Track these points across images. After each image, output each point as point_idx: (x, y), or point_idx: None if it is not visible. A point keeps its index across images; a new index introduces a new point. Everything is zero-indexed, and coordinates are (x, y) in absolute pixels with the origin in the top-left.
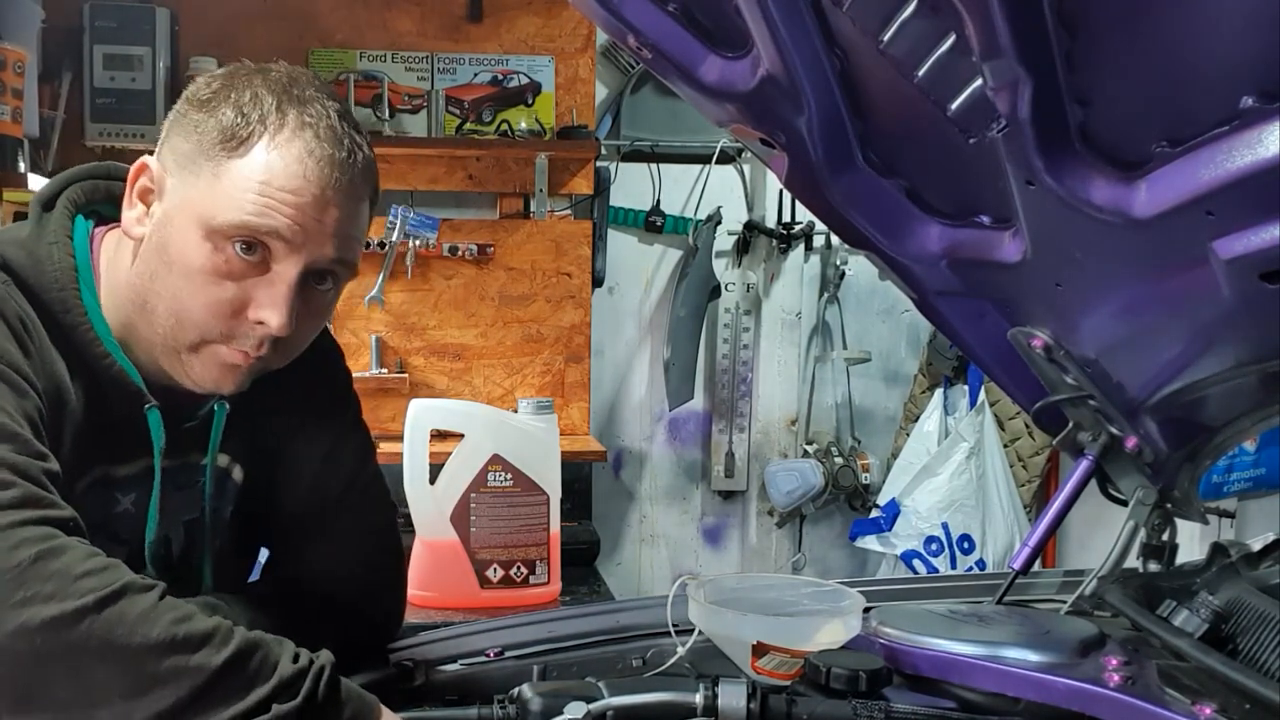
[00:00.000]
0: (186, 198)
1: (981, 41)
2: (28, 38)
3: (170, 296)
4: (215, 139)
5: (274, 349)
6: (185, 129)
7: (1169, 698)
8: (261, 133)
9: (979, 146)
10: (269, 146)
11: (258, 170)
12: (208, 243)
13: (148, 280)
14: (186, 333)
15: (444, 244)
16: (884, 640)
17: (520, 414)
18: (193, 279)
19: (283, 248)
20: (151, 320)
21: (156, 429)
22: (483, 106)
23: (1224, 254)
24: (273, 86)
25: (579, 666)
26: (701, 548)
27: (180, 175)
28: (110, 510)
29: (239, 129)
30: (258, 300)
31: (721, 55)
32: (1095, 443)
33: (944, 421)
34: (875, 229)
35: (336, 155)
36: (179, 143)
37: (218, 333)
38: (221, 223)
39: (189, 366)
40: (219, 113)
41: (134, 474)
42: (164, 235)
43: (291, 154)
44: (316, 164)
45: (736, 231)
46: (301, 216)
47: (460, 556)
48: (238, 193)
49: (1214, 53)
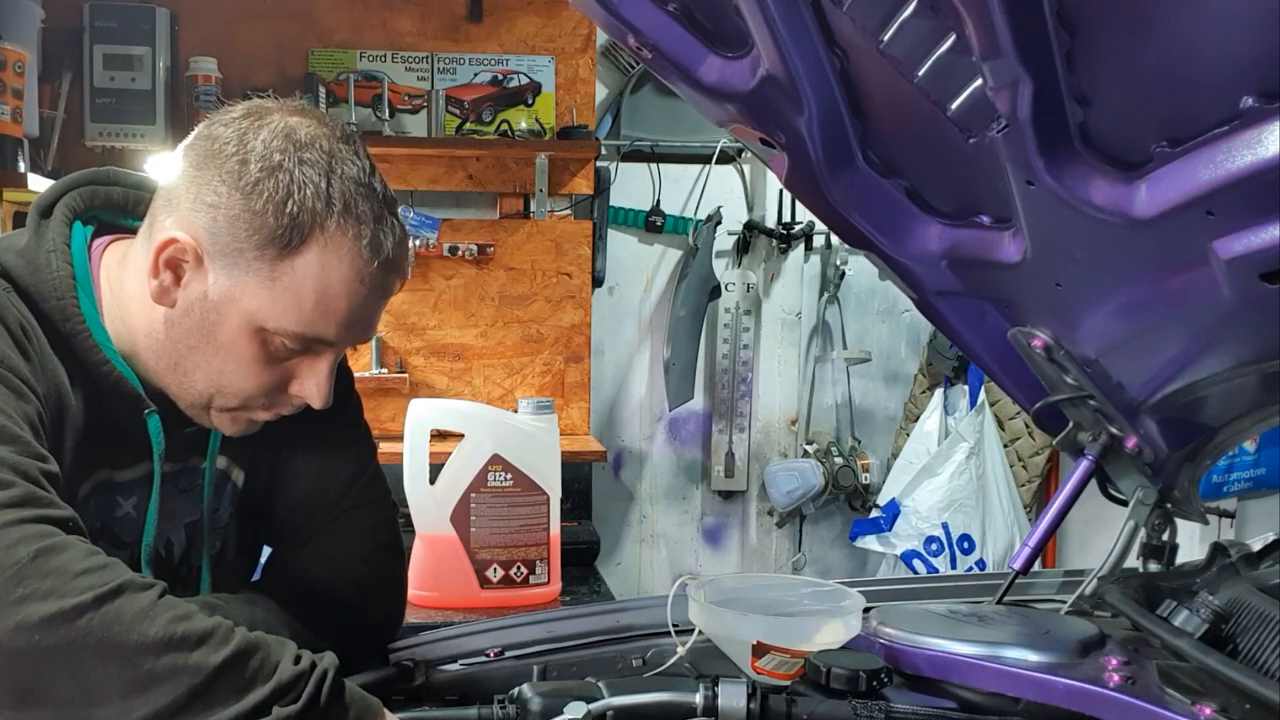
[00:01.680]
0: (234, 293)
1: (981, 41)
2: (28, 38)
3: (214, 372)
4: (265, 239)
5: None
6: (221, 213)
7: (1169, 698)
8: (313, 232)
9: (979, 146)
10: (323, 249)
11: (312, 279)
12: (259, 337)
13: (185, 351)
14: (225, 400)
15: (444, 244)
16: (884, 640)
17: (520, 414)
18: (241, 364)
19: (329, 346)
20: (184, 381)
21: (156, 434)
22: (483, 106)
23: (1224, 254)
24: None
25: (579, 666)
26: (701, 548)
27: (224, 263)
28: (112, 514)
29: (290, 231)
30: (301, 380)
31: (721, 55)
32: (1095, 443)
33: (944, 421)
34: (875, 229)
35: (390, 258)
36: (214, 225)
37: (259, 404)
38: (277, 328)
39: (215, 419)
40: (267, 210)
41: (135, 479)
42: (209, 319)
43: (345, 260)
44: (369, 271)
45: (736, 231)
46: (351, 318)
47: (460, 556)
48: (295, 303)
49: (1214, 53)
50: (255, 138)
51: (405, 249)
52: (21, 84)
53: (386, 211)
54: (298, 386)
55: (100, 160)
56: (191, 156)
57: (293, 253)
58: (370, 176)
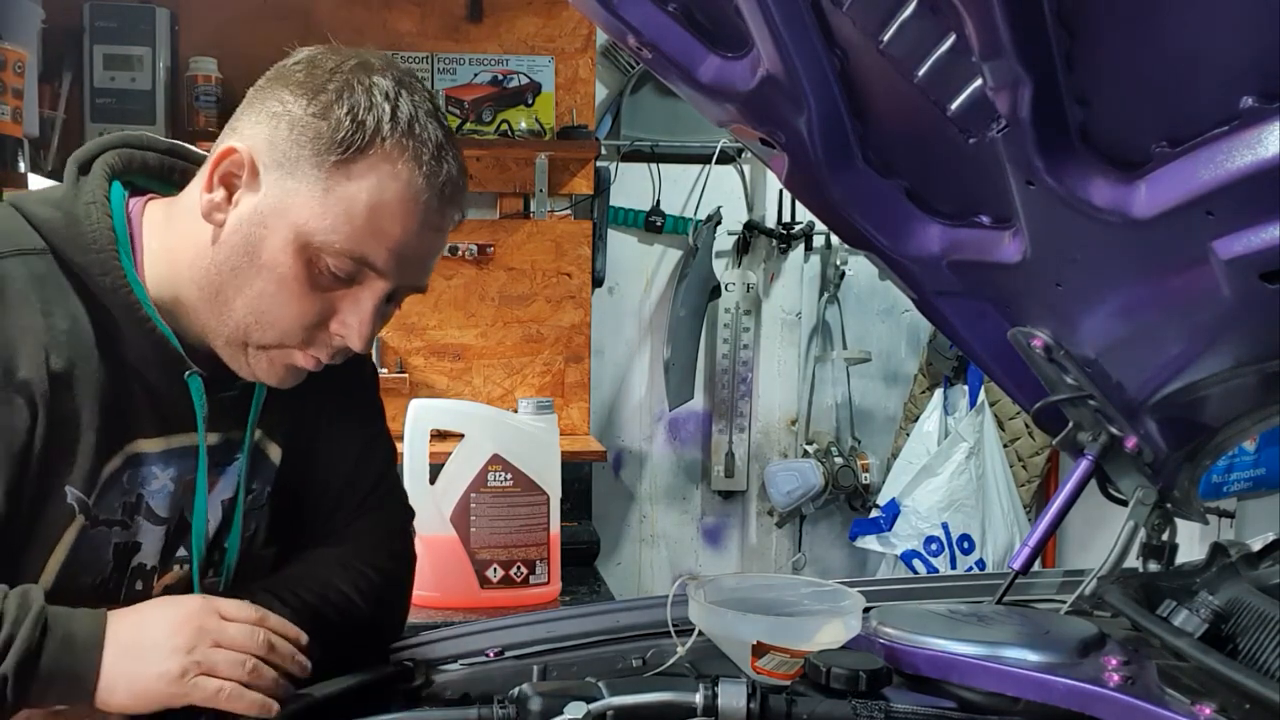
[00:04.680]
0: (286, 203)
1: (981, 41)
2: (28, 38)
3: (254, 295)
4: (325, 145)
5: (339, 357)
6: (284, 120)
7: (1169, 698)
8: (375, 147)
9: (979, 146)
10: (380, 163)
11: (367, 193)
12: (305, 254)
13: (228, 273)
14: (264, 333)
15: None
16: (884, 640)
17: (520, 414)
18: (283, 286)
19: (375, 275)
20: (223, 311)
21: (199, 396)
22: (483, 106)
23: (1224, 254)
24: (384, 89)
25: (579, 666)
26: (701, 548)
27: (278, 174)
28: (147, 486)
29: (353, 138)
30: (342, 316)
31: (721, 55)
32: (1095, 443)
33: (944, 421)
34: (875, 229)
35: (445, 190)
36: (275, 134)
37: (297, 340)
38: (323, 242)
39: (254, 361)
40: (331, 114)
41: (173, 449)
42: (255, 234)
43: (403, 178)
44: (424, 196)
45: (736, 231)
46: (401, 249)
47: (460, 556)
48: (344, 215)
49: (1214, 53)
50: (327, 60)
51: (464, 186)
52: (21, 84)
53: (448, 143)
54: (338, 324)
55: None
56: (257, 88)
57: (349, 162)
58: (436, 109)
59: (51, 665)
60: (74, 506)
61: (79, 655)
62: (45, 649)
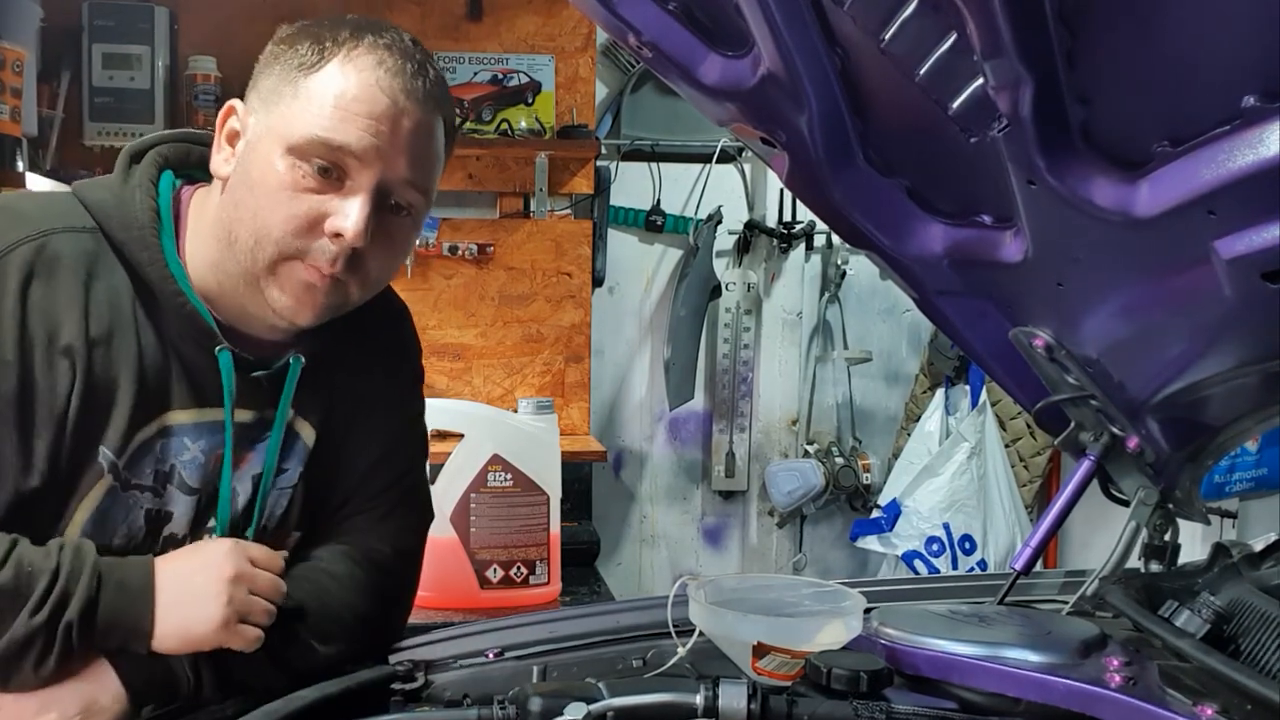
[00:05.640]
0: (269, 125)
1: (983, 40)
2: (27, 37)
3: (251, 217)
4: (294, 65)
5: (350, 269)
6: (268, 66)
7: (1171, 698)
8: (336, 52)
9: (980, 146)
10: (343, 62)
11: (332, 84)
12: (287, 158)
13: (232, 210)
14: (265, 250)
15: (444, 243)
16: (885, 641)
17: (520, 414)
18: (272, 195)
19: (357, 164)
20: (235, 251)
21: (227, 370)
22: (483, 105)
23: (1225, 253)
24: (350, 18)
25: (579, 667)
26: (702, 548)
27: (264, 109)
28: (180, 456)
29: (315, 51)
30: (333, 212)
31: (722, 54)
32: (1097, 443)
33: (945, 421)
34: (876, 228)
35: (408, 68)
36: (262, 82)
37: (294, 248)
38: (299, 138)
39: (269, 293)
40: (298, 43)
41: (204, 422)
42: (247, 162)
43: (365, 66)
44: (389, 75)
45: (737, 231)
46: (375, 129)
47: (460, 556)
48: (314, 108)
49: (1215, 52)
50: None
51: (442, 86)
52: (20, 83)
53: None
54: (329, 223)
55: (100, 160)
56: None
57: (316, 70)
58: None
59: (109, 614)
60: (103, 466)
61: (135, 602)
62: (102, 598)
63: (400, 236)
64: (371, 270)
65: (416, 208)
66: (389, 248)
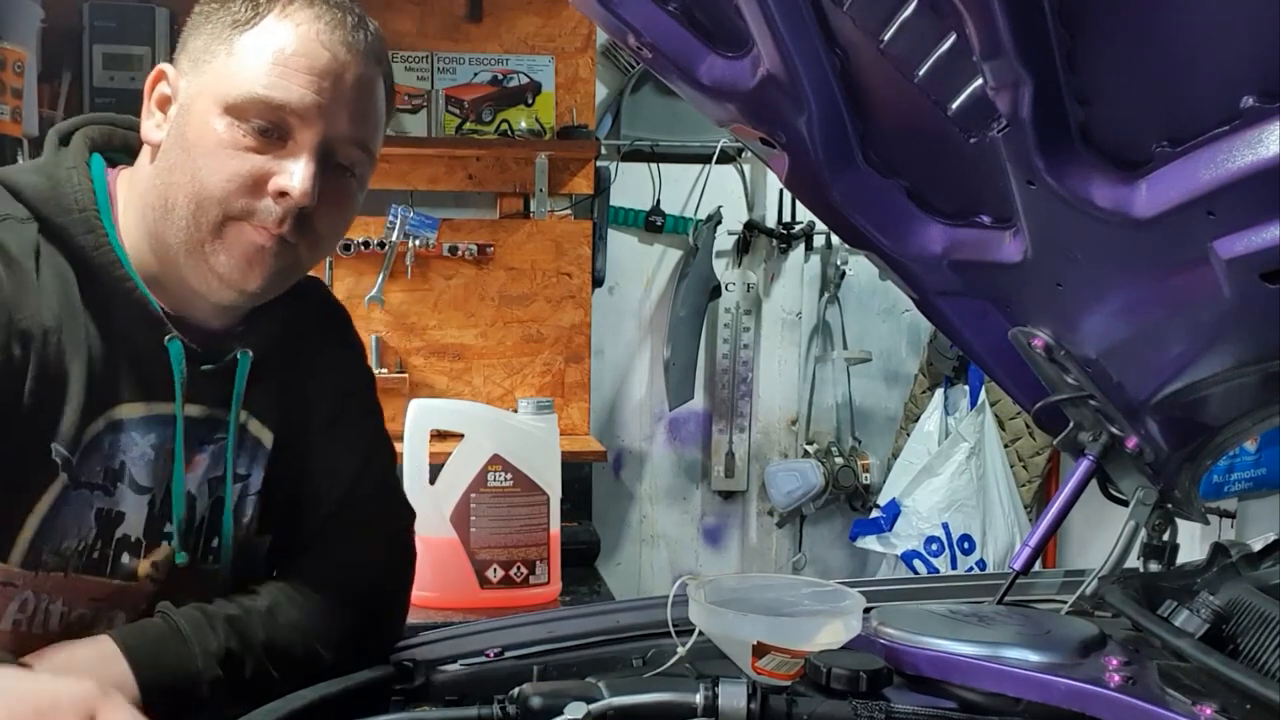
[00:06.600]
0: (202, 84)
1: (982, 41)
2: (27, 37)
3: (189, 180)
4: (227, 23)
5: (299, 230)
6: (197, 26)
7: (1170, 698)
8: (270, 7)
9: (980, 146)
10: (280, 16)
11: (270, 40)
12: (224, 118)
13: (167, 175)
14: (208, 213)
15: (444, 244)
16: (884, 640)
17: (520, 414)
18: (212, 155)
19: (299, 122)
20: (173, 218)
21: (178, 361)
22: (483, 106)
23: (1224, 254)
24: None
25: (579, 666)
26: (701, 548)
27: (195, 70)
28: (129, 452)
29: (249, 7)
30: (277, 172)
31: (722, 54)
32: (1096, 443)
33: (944, 421)
34: (876, 229)
35: (347, 20)
36: (192, 42)
37: (238, 208)
38: (238, 97)
39: (214, 259)
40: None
41: (153, 415)
42: (181, 125)
43: (303, 19)
44: (329, 28)
45: (737, 231)
46: (316, 85)
47: (460, 556)
48: (252, 65)
49: (1215, 52)
50: None
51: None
52: (21, 84)
53: (361, 11)
54: (274, 181)
55: None
56: None
57: (252, 27)
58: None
59: None
60: (57, 464)
61: None
62: None
63: (346, 196)
64: (321, 231)
65: (362, 167)
66: (336, 207)
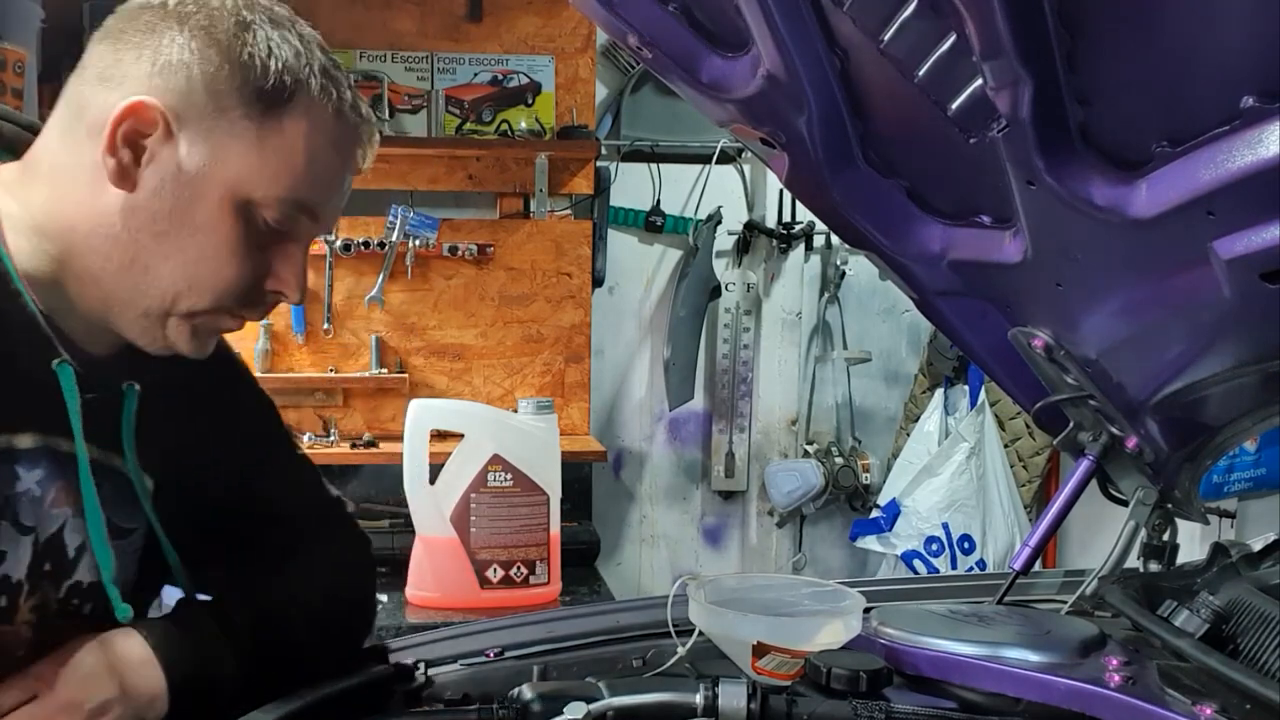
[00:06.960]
0: (217, 161)
1: (982, 41)
2: (28, 38)
3: (187, 261)
4: (251, 95)
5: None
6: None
7: (1170, 698)
8: (298, 91)
9: (979, 146)
10: (309, 109)
11: (303, 139)
12: (244, 212)
13: (149, 240)
14: (197, 299)
15: (444, 244)
16: (884, 640)
17: (520, 414)
18: (222, 248)
19: (310, 222)
20: (144, 280)
21: (70, 389)
22: (483, 106)
23: (1224, 254)
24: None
25: (579, 666)
26: (701, 548)
27: (201, 128)
28: (11, 488)
29: (277, 89)
30: (277, 271)
31: (722, 55)
32: (1096, 443)
33: (944, 421)
34: (876, 229)
35: (362, 129)
36: (188, 84)
37: (233, 301)
38: (265, 196)
39: (172, 331)
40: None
41: (39, 448)
42: (183, 197)
43: (330, 120)
44: (349, 136)
45: (736, 231)
46: (331, 192)
47: (460, 556)
48: (287, 166)
49: (1215, 52)
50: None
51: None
52: (21, 84)
53: (346, 81)
54: (274, 281)
55: None
56: (125, 29)
57: (280, 112)
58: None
59: None
60: None
61: None
62: None
63: None
64: None
65: None
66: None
